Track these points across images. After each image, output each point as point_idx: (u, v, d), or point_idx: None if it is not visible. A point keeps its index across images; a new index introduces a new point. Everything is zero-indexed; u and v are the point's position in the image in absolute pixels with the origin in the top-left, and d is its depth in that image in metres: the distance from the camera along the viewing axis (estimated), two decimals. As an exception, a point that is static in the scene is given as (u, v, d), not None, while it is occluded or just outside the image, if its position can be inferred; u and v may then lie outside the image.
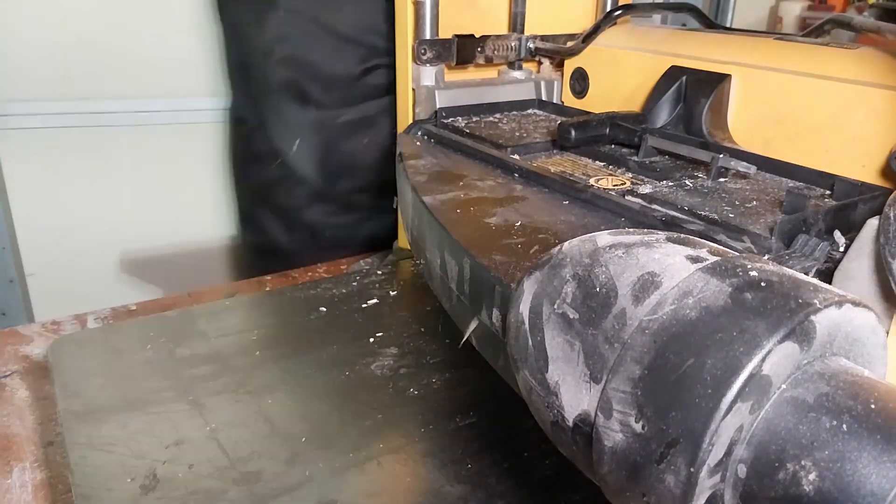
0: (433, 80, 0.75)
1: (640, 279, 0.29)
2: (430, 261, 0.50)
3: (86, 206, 1.17)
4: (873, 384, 0.25)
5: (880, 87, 0.52)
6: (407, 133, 0.73)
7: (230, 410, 0.52)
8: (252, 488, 0.45)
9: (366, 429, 0.51)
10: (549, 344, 0.31)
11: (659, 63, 0.68)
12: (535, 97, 0.82)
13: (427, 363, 0.60)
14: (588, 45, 0.77)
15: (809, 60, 0.58)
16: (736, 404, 0.24)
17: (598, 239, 0.33)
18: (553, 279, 0.32)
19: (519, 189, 0.55)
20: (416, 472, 0.48)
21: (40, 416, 0.57)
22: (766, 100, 0.61)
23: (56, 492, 0.49)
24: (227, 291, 0.77)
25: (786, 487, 0.23)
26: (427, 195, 0.54)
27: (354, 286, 0.73)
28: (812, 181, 0.54)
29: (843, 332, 0.26)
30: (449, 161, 0.63)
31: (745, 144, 0.62)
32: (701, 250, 0.30)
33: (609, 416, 0.27)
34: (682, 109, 0.65)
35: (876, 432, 0.23)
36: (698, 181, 0.54)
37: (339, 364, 0.59)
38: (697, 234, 0.42)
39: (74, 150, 1.14)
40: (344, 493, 0.45)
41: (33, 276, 1.16)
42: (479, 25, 0.80)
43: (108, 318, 0.72)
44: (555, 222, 0.48)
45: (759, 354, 0.24)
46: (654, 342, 0.26)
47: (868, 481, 0.22)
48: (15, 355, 0.66)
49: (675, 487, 0.25)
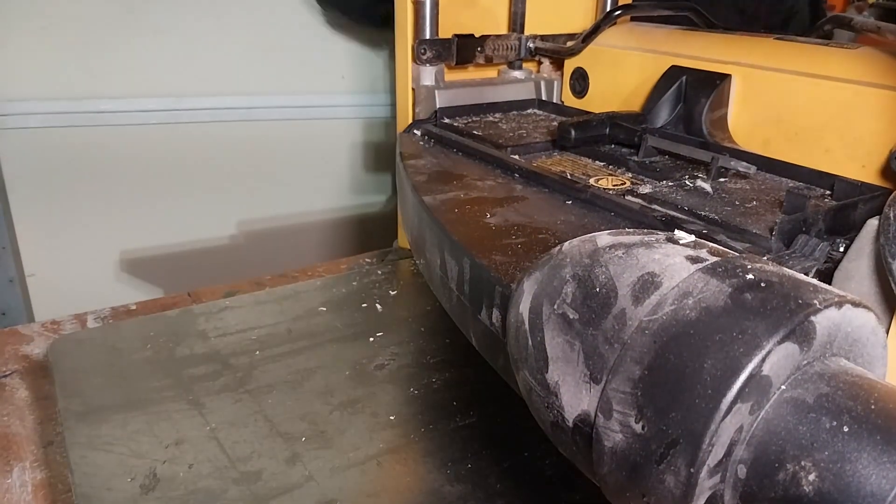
0: (433, 79, 0.75)
1: (639, 279, 0.29)
2: (430, 261, 0.50)
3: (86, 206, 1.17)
4: (873, 385, 0.25)
5: (880, 87, 0.52)
6: (407, 133, 0.73)
7: (230, 410, 0.52)
8: (252, 488, 0.45)
9: (366, 429, 0.51)
10: (549, 344, 0.31)
11: (659, 63, 0.68)
12: (535, 97, 0.82)
13: (427, 363, 0.60)
14: (588, 44, 0.77)
15: (809, 60, 0.58)
16: (736, 405, 0.24)
17: (598, 239, 0.33)
18: (553, 279, 0.32)
19: (519, 189, 0.55)
20: (416, 472, 0.48)
21: (40, 416, 0.57)
22: (766, 100, 0.61)
23: (56, 491, 0.49)
24: (227, 291, 0.77)
25: (786, 488, 0.23)
26: (427, 195, 0.54)
27: (354, 286, 0.73)
28: (812, 181, 0.54)
29: (843, 333, 0.26)
30: (449, 161, 0.63)
31: (745, 144, 0.62)
32: (701, 251, 0.30)
33: (609, 417, 0.27)
34: (682, 109, 0.65)
35: (876, 433, 0.23)
36: (698, 181, 0.54)
37: (339, 364, 0.59)
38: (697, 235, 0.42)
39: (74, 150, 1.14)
40: (344, 493, 0.45)
41: (33, 276, 1.16)
42: (479, 25, 0.80)
43: (108, 318, 0.72)
44: (555, 222, 0.48)
45: (759, 355, 0.24)
46: (654, 342, 0.26)
47: (868, 482, 0.22)
48: (15, 355, 0.65)
49: (675, 488, 0.25)
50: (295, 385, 0.56)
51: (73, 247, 1.18)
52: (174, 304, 0.73)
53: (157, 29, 1.13)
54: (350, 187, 1.38)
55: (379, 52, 1.29)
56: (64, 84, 1.10)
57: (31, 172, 1.12)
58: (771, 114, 0.61)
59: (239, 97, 1.22)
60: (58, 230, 1.16)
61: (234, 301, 0.70)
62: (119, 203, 1.19)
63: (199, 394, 0.54)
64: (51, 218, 1.16)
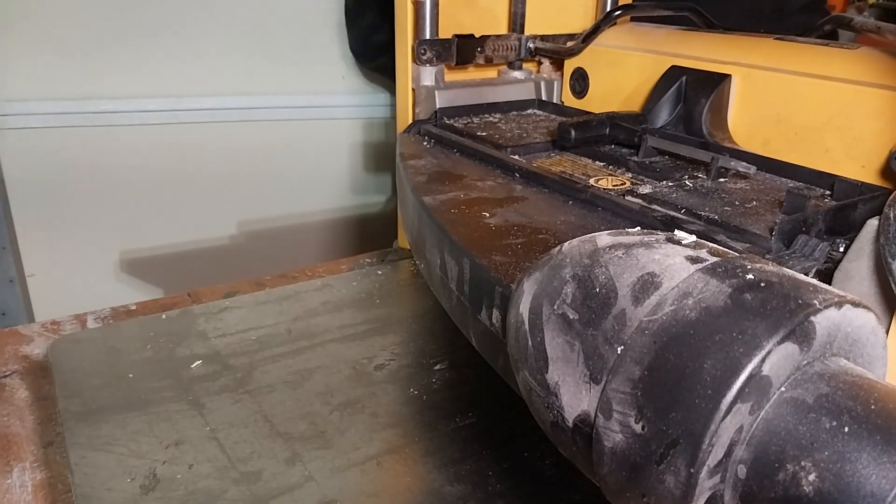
0: (433, 80, 0.75)
1: (639, 280, 0.29)
2: (430, 261, 0.50)
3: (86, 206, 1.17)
4: (873, 385, 0.25)
5: (880, 87, 0.52)
6: (407, 133, 0.73)
7: (230, 410, 0.52)
8: (252, 488, 0.45)
9: (366, 429, 0.51)
10: (549, 344, 0.31)
11: (659, 63, 0.68)
12: (535, 97, 0.82)
13: (427, 363, 0.60)
14: (588, 45, 0.77)
15: (809, 60, 0.58)
16: (736, 405, 0.24)
17: (597, 239, 0.33)
18: (553, 280, 0.32)
19: (519, 189, 0.55)
20: (416, 472, 0.48)
21: (40, 416, 0.57)
22: (766, 100, 0.61)
23: (56, 492, 0.49)
24: (227, 291, 0.77)
25: (786, 488, 0.23)
26: (427, 195, 0.54)
27: (354, 286, 0.73)
28: (812, 181, 0.54)
29: (843, 333, 0.26)
30: (449, 161, 0.63)
31: (745, 144, 0.62)
32: (701, 251, 0.30)
33: (609, 417, 0.27)
34: (682, 109, 0.65)
35: (876, 433, 0.23)
36: (698, 181, 0.54)
37: (339, 363, 0.59)
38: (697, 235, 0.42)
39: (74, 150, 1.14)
40: (344, 493, 0.45)
41: (33, 276, 1.17)
42: (479, 25, 0.80)
43: (108, 318, 0.72)
44: (555, 222, 0.48)
45: (759, 355, 0.24)
46: (654, 343, 0.26)
47: (868, 482, 0.22)
48: (15, 355, 0.65)
49: (674, 488, 0.25)
50: (295, 385, 0.56)
51: (73, 247, 1.18)
52: (174, 305, 0.73)
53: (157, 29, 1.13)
54: (350, 187, 1.38)
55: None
56: (64, 84, 1.10)
57: (31, 172, 1.12)
58: (771, 114, 0.61)
59: (239, 97, 1.22)
60: (58, 230, 1.16)
61: (234, 301, 0.70)
62: (119, 203, 1.19)
63: (199, 394, 0.54)
64: (51, 218, 1.16)
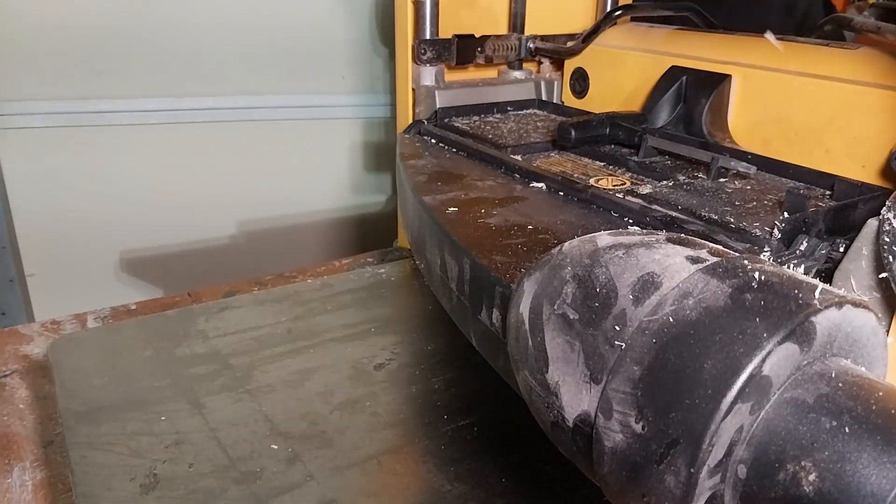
0: (433, 79, 0.75)
1: (640, 280, 0.29)
2: (430, 261, 0.50)
3: (86, 206, 1.17)
4: (873, 385, 0.25)
5: (880, 87, 0.52)
6: (407, 133, 0.73)
7: (230, 410, 0.52)
8: (252, 487, 0.45)
9: (366, 429, 0.51)
10: (550, 344, 0.31)
11: (659, 63, 0.68)
12: (535, 97, 0.82)
13: (427, 363, 0.60)
14: (588, 45, 0.77)
15: (809, 60, 0.58)
16: (736, 405, 0.24)
17: (598, 239, 0.33)
18: (553, 279, 0.32)
19: (519, 189, 0.55)
20: (416, 471, 0.48)
21: (40, 416, 0.57)
22: (766, 100, 0.61)
23: (56, 491, 0.49)
24: (227, 291, 0.77)
25: (786, 488, 0.23)
26: (427, 195, 0.54)
27: (354, 285, 0.73)
28: (812, 181, 0.54)
29: (843, 333, 0.26)
30: (449, 161, 0.63)
31: (745, 144, 0.62)
32: (701, 251, 0.30)
33: (609, 417, 0.27)
34: (682, 109, 0.65)
35: (876, 433, 0.23)
36: (698, 181, 0.54)
37: (339, 363, 0.59)
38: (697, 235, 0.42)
39: (74, 150, 1.14)
40: (344, 493, 0.45)
41: (33, 276, 1.16)
42: (479, 25, 0.80)
43: (108, 318, 0.72)
44: (555, 222, 0.48)
45: (760, 355, 0.24)
46: (655, 343, 0.26)
47: (868, 482, 0.22)
48: (15, 355, 0.65)
49: (675, 488, 0.25)
50: (295, 385, 0.56)
51: (73, 247, 1.18)
52: (174, 304, 0.73)
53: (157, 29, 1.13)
54: (350, 187, 1.38)
55: (379, 52, 1.29)
56: (64, 84, 1.10)
57: (31, 172, 1.12)
58: (771, 114, 0.61)
59: (239, 97, 1.22)
60: (58, 230, 1.16)
61: (234, 301, 0.70)
62: (119, 203, 1.19)
63: (199, 394, 0.54)
64: (51, 218, 1.15)
